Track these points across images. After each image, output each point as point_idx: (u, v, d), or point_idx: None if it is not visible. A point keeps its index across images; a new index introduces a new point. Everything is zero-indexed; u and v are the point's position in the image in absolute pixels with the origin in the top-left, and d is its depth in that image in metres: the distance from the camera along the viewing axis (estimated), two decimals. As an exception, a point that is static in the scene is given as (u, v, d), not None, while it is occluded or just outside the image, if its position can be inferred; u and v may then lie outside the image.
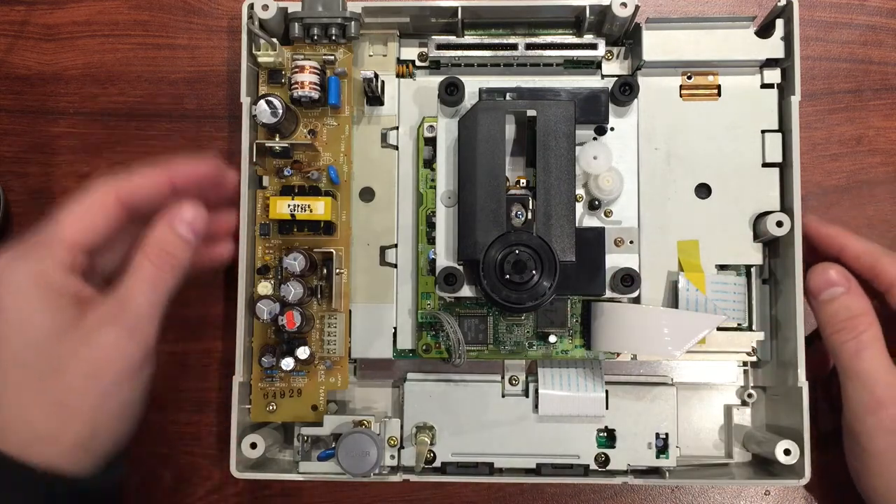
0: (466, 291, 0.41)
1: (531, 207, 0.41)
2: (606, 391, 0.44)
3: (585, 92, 0.42)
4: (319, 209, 0.42)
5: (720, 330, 0.43)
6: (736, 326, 0.43)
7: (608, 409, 0.44)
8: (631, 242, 0.42)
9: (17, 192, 0.48)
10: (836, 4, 0.49)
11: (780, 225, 0.42)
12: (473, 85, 0.42)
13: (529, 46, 0.43)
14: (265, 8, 0.42)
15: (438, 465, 0.44)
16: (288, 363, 0.41)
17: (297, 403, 0.43)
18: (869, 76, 0.48)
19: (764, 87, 0.44)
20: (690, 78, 0.44)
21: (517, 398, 0.44)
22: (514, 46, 0.43)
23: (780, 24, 0.43)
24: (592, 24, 0.43)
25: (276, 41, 0.42)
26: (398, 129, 0.44)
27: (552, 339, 0.43)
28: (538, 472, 0.44)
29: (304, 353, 0.42)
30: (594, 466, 0.44)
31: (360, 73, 0.43)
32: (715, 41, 0.43)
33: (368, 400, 0.46)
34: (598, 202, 0.42)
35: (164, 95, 0.49)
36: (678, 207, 0.44)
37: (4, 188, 0.48)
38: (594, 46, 0.43)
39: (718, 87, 0.44)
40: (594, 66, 0.45)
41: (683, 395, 0.46)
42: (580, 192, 0.43)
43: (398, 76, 0.45)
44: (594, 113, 0.42)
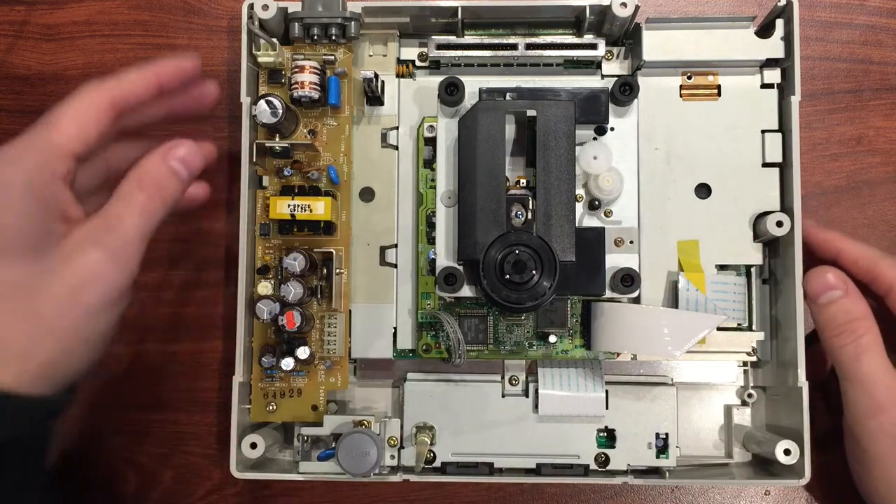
0: (466, 291, 0.41)
1: (531, 207, 0.41)
2: (606, 391, 0.44)
3: (585, 92, 0.42)
4: (319, 209, 0.42)
5: (720, 330, 0.43)
6: (736, 326, 0.43)
7: (608, 409, 0.44)
8: (631, 242, 0.42)
9: (17, 192, 0.48)
10: (836, 4, 0.49)
11: (780, 225, 0.42)
12: (473, 85, 0.42)
13: (529, 46, 0.43)
14: (265, 8, 0.42)
15: (438, 465, 0.44)
16: (288, 363, 0.42)
17: (297, 403, 0.43)
18: (869, 76, 0.48)
19: (764, 87, 0.44)
20: (690, 78, 0.44)
21: (517, 398, 0.44)
22: (514, 46, 0.43)
23: (780, 24, 0.43)
24: (592, 24, 0.43)
25: (276, 41, 0.42)
26: (398, 129, 0.44)
27: (552, 339, 0.43)
28: (538, 472, 0.44)
29: (304, 353, 0.42)
30: (594, 466, 0.44)
31: (360, 73, 0.43)
32: (715, 41, 0.43)
33: (368, 400, 0.46)
34: (598, 202, 0.42)
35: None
36: (678, 207, 0.44)
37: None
38: (594, 46, 0.43)
39: (718, 87, 0.44)
40: (594, 66, 0.45)
41: (683, 395, 0.46)
42: (580, 192, 0.43)
43: (398, 76, 0.45)
44: (594, 113, 0.42)
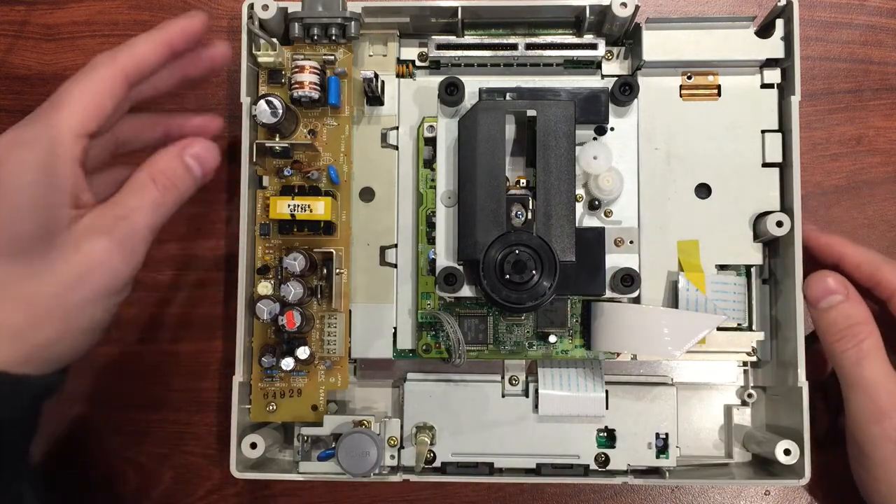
0: (466, 291, 0.41)
1: (531, 207, 0.41)
2: (606, 391, 0.44)
3: (585, 92, 0.42)
4: (319, 209, 0.42)
5: (720, 330, 0.43)
6: (736, 326, 0.43)
7: (608, 409, 0.44)
8: (631, 242, 0.42)
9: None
10: (836, 4, 0.49)
11: (780, 225, 0.42)
12: (473, 85, 0.42)
13: (529, 46, 0.43)
14: (265, 8, 0.42)
15: (438, 465, 0.44)
16: (288, 363, 0.42)
17: (297, 403, 0.43)
18: (869, 76, 0.48)
19: (764, 87, 0.44)
20: (690, 78, 0.44)
21: (517, 398, 0.44)
22: (514, 46, 0.43)
23: (780, 24, 0.43)
24: (592, 24, 0.43)
25: (276, 41, 0.42)
26: (398, 129, 0.44)
27: (552, 339, 0.43)
28: (538, 472, 0.44)
29: (304, 353, 0.42)
30: (594, 466, 0.44)
31: (360, 73, 0.43)
32: (715, 41, 0.43)
33: (368, 400, 0.46)
34: (598, 202, 0.42)
35: (164, 96, 0.49)
36: (678, 207, 0.44)
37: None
38: (594, 46, 0.43)
39: (718, 87, 0.44)
40: (594, 66, 0.45)
41: (683, 395, 0.46)
42: (580, 192, 0.43)
43: (398, 76, 0.45)
44: (594, 113, 0.42)
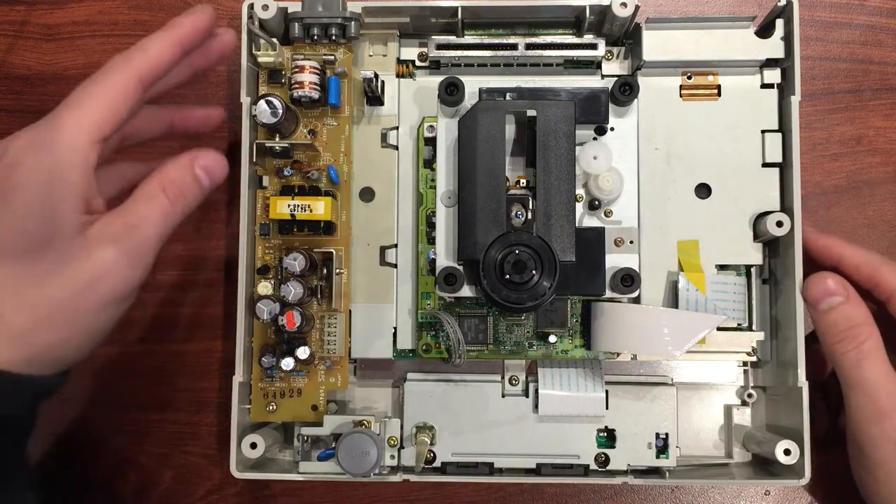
0: (466, 291, 0.41)
1: (531, 207, 0.41)
2: (606, 391, 0.44)
3: (585, 92, 0.42)
4: (319, 209, 0.42)
5: (720, 330, 0.43)
6: (736, 326, 0.43)
7: (608, 409, 0.44)
8: (631, 242, 0.42)
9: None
10: (836, 4, 0.49)
11: (780, 225, 0.42)
12: (473, 85, 0.42)
13: (529, 46, 0.43)
14: (265, 8, 0.42)
15: (438, 465, 0.44)
16: (288, 363, 0.41)
17: (297, 403, 0.43)
18: (869, 76, 0.48)
19: (764, 87, 0.44)
20: (690, 78, 0.44)
21: (517, 398, 0.44)
22: (514, 46, 0.43)
23: (780, 24, 0.43)
24: (592, 24, 0.43)
25: (276, 41, 0.42)
26: (398, 129, 0.44)
27: (552, 339, 0.43)
28: (538, 472, 0.44)
29: (304, 353, 0.42)
30: (594, 466, 0.44)
31: (360, 73, 0.43)
32: (715, 41, 0.43)
33: (368, 400, 0.46)
34: (598, 202, 0.42)
35: (164, 95, 0.49)
36: (678, 207, 0.44)
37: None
38: (594, 46, 0.43)
39: (718, 87, 0.44)
40: (594, 66, 0.45)
41: (683, 395, 0.46)
42: (580, 192, 0.43)
43: (398, 76, 0.45)
44: (594, 113, 0.42)
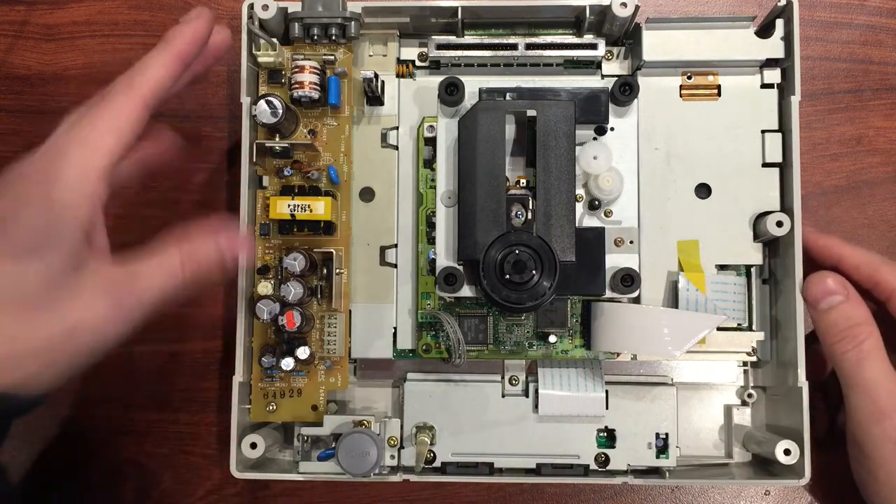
0: (466, 291, 0.41)
1: (531, 207, 0.41)
2: (606, 391, 0.44)
3: (585, 92, 0.42)
4: (319, 209, 0.42)
5: (720, 330, 0.43)
6: (736, 326, 0.43)
7: (608, 409, 0.44)
8: (631, 242, 0.42)
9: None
10: (836, 4, 0.49)
11: (780, 225, 0.42)
12: (473, 85, 0.42)
13: (529, 46, 0.43)
14: (265, 8, 0.42)
15: (438, 465, 0.44)
16: (288, 363, 0.42)
17: (297, 403, 0.43)
18: (869, 76, 0.48)
19: (764, 87, 0.44)
20: (690, 78, 0.44)
21: (517, 398, 0.44)
22: (514, 46, 0.43)
23: (780, 24, 0.43)
24: (592, 24, 0.43)
25: (276, 41, 0.42)
26: (398, 129, 0.44)
27: (552, 339, 0.43)
28: (538, 472, 0.44)
29: (304, 353, 0.42)
30: (594, 466, 0.44)
31: (360, 73, 0.43)
32: (715, 41, 0.43)
33: (368, 400, 0.46)
34: (598, 202, 0.42)
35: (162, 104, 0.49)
36: (678, 207, 0.44)
37: (4, 188, 0.48)
38: (594, 46, 0.43)
39: (718, 87, 0.44)
40: (594, 66, 0.45)
41: (683, 395, 0.46)
42: (580, 192, 0.43)
43: (398, 76, 0.45)
44: (594, 113, 0.42)
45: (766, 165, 0.44)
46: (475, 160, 0.40)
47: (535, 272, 0.39)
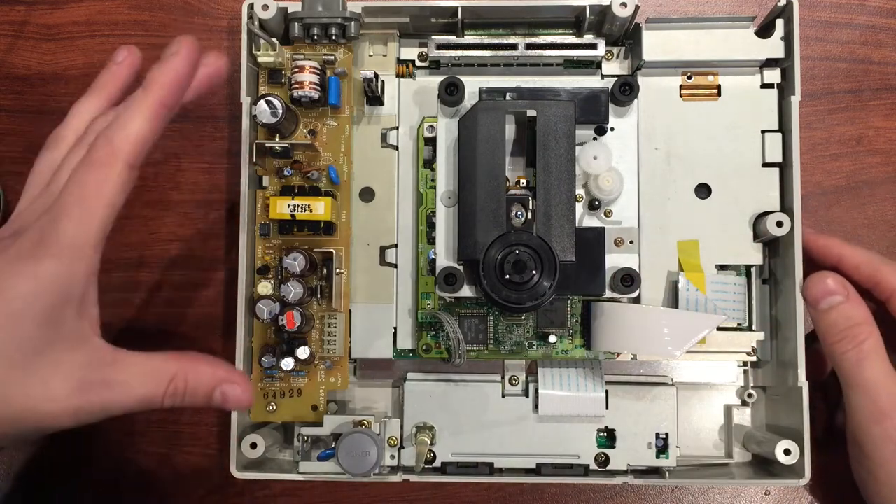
0: (466, 291, 0.41)
1: (531, 207, 0.41)
2: (606, 391, 0.44)
3: (585, 92, 0.42)
4: (319, 209, 0.42)
5: (720, 330, 0.43)
6: (736, 326, 0.43)
7: (608, 409, 0.44)
8: (631, 242, 0.42)
9: (17, 192, 0.48)
10: (836, 4, 0.49)
11: (780, 225, 0.42)
12: (473, 85, 0.42)
13: (529, 46, 0.43)
14: (265, 8, 0.42)
15: (438, 465, 0.44)
16: (288, 363, 0.42)
17: (297, 403, 0.43)
18: (869, 76, 0.48)
19: (764, 87, 0.44)
20: (690, 78, 0.44)
21: (517, 398, 0.44)
22: (514, 46, 0.43)
23: (780, 24, 0.43)
24: (592, 24, 0.43)
25: (276, 41, 0.42)
26: (398, 129, 0.44)
27: (552, 339, 0.43)
28: (538, 472, 0.44)
29: (304, 353, 0.42)
30: (594, 466, 0.44)
31: (360, 73, 0.43)
32: (715, 41, 0.43)
33: (368, 400, 0.46)
34: (598, 202, 0.42)
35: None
36: (678, 207, 0.44)
37: (4, 188, 0.48)
38: (594, 46, 0.43)
39: (718, 87, 0.44)
40: (594, 66, 0.45)
41: (683, 395, 0.46)
42: (580, 192, 0.43)
43: (398, 76, 0.45)
44: (594, 113, 0.42)
45: (766, 165, 0.44)
46: (475, 160, 0.40)
47: (535, 272, 0.39)
